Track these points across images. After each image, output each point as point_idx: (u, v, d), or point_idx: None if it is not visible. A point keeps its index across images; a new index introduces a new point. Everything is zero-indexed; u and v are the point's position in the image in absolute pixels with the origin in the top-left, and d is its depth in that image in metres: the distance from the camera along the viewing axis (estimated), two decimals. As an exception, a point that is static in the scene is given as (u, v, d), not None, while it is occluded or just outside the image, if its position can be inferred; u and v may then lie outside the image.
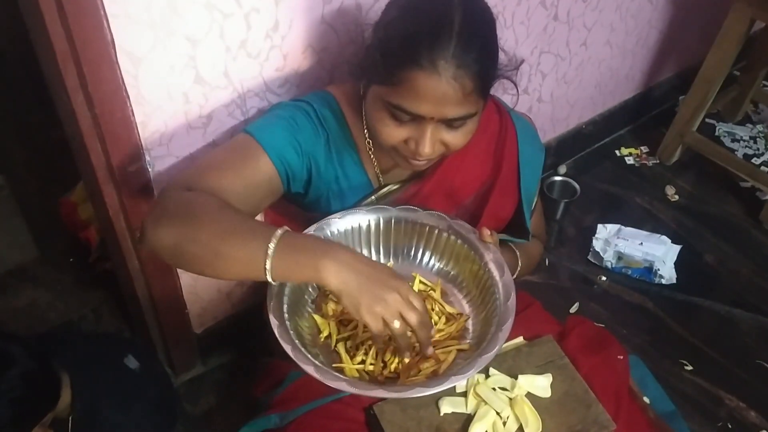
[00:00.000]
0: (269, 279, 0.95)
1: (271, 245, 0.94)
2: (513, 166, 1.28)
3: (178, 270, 1.49)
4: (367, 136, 1.21)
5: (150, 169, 1.27)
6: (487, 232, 1.15)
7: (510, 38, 1.75)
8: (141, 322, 1.63)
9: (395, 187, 1.26)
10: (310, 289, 1.16)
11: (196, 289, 1.56)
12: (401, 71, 1.01)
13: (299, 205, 1.26)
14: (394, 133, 1.08)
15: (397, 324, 0.95)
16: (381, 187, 1.26)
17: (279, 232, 0.95)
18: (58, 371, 1.24)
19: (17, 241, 2.02)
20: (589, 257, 2.10)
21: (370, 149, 1.22)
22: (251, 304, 1.69)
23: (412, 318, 0.95)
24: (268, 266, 0.94)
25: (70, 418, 1.28)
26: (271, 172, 1.11)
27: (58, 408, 1.23)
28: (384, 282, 0.95)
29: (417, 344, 1.08)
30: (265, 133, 1.11)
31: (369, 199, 1.25)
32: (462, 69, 0.99)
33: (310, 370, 0.98)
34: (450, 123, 1.06)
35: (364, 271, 0.95)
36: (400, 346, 0.99)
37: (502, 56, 1.11)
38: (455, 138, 1.08)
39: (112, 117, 1.16)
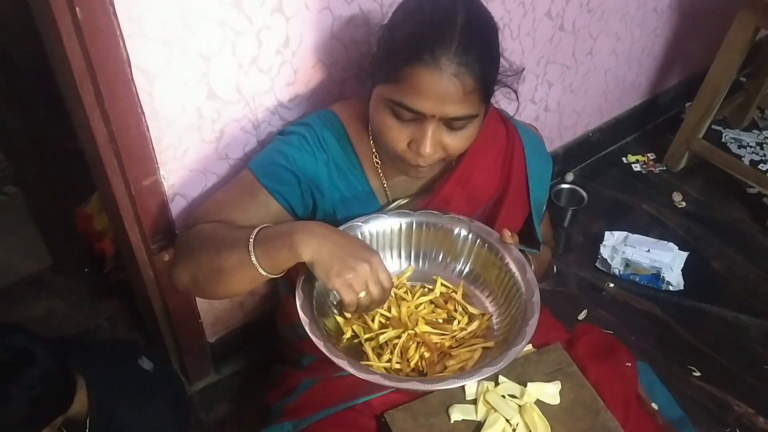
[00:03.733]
0: (261, 272, 1.03)
1: (251, 240, 1.02)
2: (521, 179, 1.30)
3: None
4: (374, 149, 1.23)
5: (164, 183, 1.30)
6: (507, 233, 1.18)
7: (517, 49, 1.77)
8: (155, 331, 1.65)
9: (404, 201, 1.27)
10: (335, 292, 1.18)
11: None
12: (404, 67, 1.04)
13: None
14: (397, 134, 1.10)
15: (363, 294, 0.99)
16: (389, 203, 1.27)
17: (257, 228, 1.04)
18: (74, 375, 1.27)
19: (32, 250, 2.05)
20: (596, 264, 2.12)
21: (377, 163, 1.25)
22: (263, 313, 1.71)
23: (375, 291, 1.01)
24: (254, 261, 1.02)
25: (87, 420, 1.31)
26: (276, 209, 1.18)
27: (71, 411, 1.25)
28: (355, 252, 1.00)
29: (441, 342, 1.12)
30: (266, 172, 1.18)
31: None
32: (463, 67, 1.02)
33: (343, 364, 1.00)
34: (450, 124, 1.08)
35: (337, 240, 1.01)
36: (361, 310, 1.04)
37: (503, 62, 1.14)
38: (455, 141, 1.10)
39: (128, 132, 1.18)
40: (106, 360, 1.45)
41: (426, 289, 1.23)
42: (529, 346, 1.25)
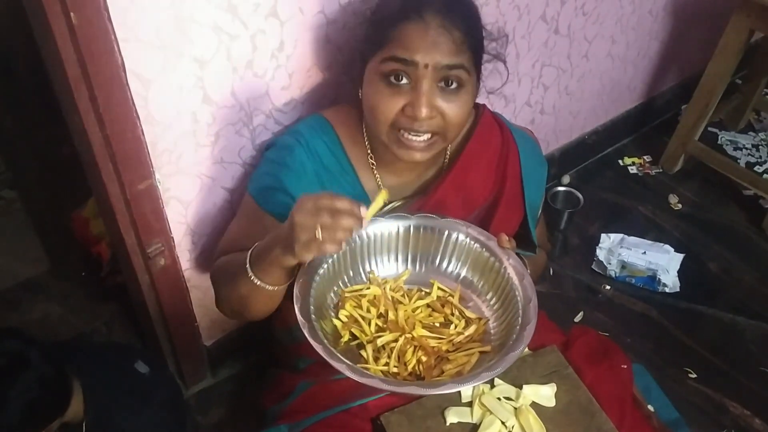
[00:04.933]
0: (270, 289, 1.08)
1: (248, 266, 1.07)
2: (516, 182, 1.30)
3: (188, 284, 1.52)
4: (369, 151, 1.24)
5: (159, 187, 1.30)
6: (505, 238, 1.17)
7: (512, 52, 1.77)
8: (152, 335, 1.65)
9: (399, 203, 1.27)
10: (332, 295, 1.18)
11: (206, 302, 1.59)
12: (391, 29, 1.08)
13: None
14: (391, 103, 1.10)
15: (319, 234, 0.95)
16: (384, 205, 1.27)
17: (249, 252, 1.08)
18: (70, 378, 1.27)
19: (29, 254, 2.05)
20: (592, 266, 2.12)
21: (372, 164, 1.25)
22: (260, 317, 1.71)
23: (323, 219, 0.95)
24: (259, 283, 1.07)
25: (84, 423, 1.31)
26: None
27: (67, 415, 1.25)
28: (290, 221, 0.99)
29: (438, 346, 1.11)
30: (265, 198, 1.22)
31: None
32: (449, 21, 1.07)
33: (342, 368, 1.00)
34: (443, 85, 1.09)
35: (284, 230, 1.01)
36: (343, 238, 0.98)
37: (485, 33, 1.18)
38: (451, 108, 1.11)
39: (123, 137, 1.18)
40: (103, 364, 1.45)
41: (423, 293, 1.23)
42: (525, 349, 1.25)
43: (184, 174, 1.33)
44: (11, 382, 1.13)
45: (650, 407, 1.44)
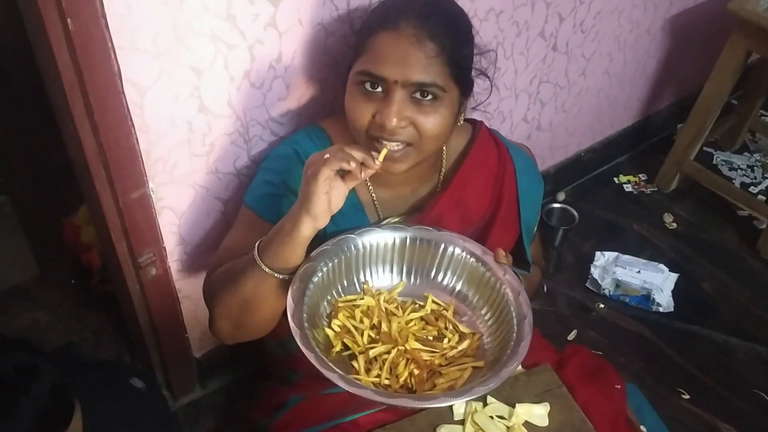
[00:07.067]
0: (279, 276, 1.05)
1: (256, 255, 1.04)
2: (513, 200, 1.30)
3: (179, 294, 1.51)
4: None
5: (152, 196, 1.29)
6: (501, 253, 1.16)
7: (510, 68, 1.78)
8: (141, 346, 1.63)
9: (395, 220, 1.26)
10: (325, 304, 1.17)
11: (197, 313, 1.58)
12: (368, 38, 1.08)
13: None
14: (363, 108, 1.10)
15: (325, 172, 0.98)
16: (380, 219, 1.26)
17: (255, 245, 1.06)
18: (72, 391, 1.25)
19: (19, 261, 2.03)
20: (587, 284, 2.11)
21: (366, 178, 1.24)
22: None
23: (334, 152, 0.99)
24: (267, 270, 1.04)
25: None
26: None
27: (70, 430, 1.23)
28: (303, 182, 1.02)
29: (431, 359, 1.10)
30: (266, 207, 1.20)
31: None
32: (424, 30, 1.05)
33: (334, 377, 0.98)
34: (418, 96, 1.08)
35: (296, 202, 1.03)
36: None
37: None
38: (426, 121, 1.09)
39: (117, 145, 1.17)
40: (99, 381, 1.43)
41: (417, 306, 1.21)
42: (519, 367, 1.23)
43: (177, 183, 1.32)
44: (25, 389, 1.12)
45: (643, 428, 1.43)
